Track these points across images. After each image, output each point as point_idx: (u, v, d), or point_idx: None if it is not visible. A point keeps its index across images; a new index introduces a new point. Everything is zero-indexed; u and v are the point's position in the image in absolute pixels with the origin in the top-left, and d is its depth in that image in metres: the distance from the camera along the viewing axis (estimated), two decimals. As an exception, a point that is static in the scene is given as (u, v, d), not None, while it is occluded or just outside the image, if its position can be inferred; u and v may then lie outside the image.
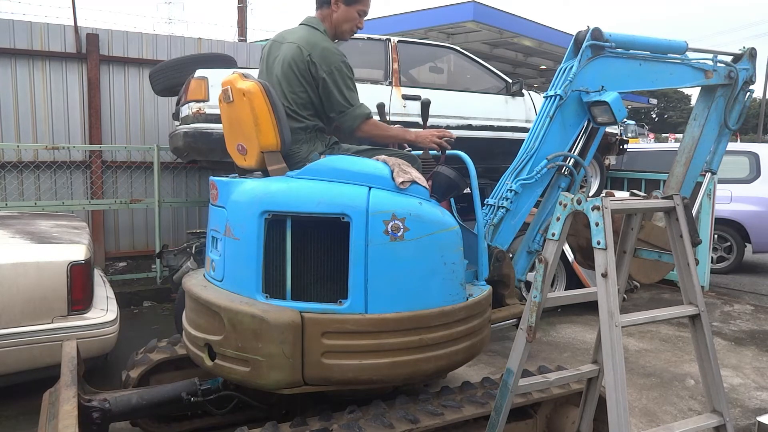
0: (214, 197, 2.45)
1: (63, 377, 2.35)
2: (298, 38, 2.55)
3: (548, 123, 2.81)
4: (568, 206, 1.95)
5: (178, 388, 2.56)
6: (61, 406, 2.06)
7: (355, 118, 2.54)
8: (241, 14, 13.22)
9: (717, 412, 1.96)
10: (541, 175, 2.83)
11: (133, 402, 2.48)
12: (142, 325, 4.95)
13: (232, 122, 2.49)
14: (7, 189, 5.67)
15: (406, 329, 2.15)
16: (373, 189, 2.17)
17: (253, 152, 2.38)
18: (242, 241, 2.20)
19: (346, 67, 2.52)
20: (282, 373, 2.10)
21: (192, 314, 2.40)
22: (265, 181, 2.29)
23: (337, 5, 2.63)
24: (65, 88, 5.98)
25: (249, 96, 2.29)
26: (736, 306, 5.82)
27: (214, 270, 2.41)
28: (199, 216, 6.67)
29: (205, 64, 4.54)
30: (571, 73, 2.75)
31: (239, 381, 2.22)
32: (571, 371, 2.28)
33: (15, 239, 3.28)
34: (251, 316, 2.09)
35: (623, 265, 2.17)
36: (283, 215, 2.15)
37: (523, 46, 14.86)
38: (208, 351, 2.27)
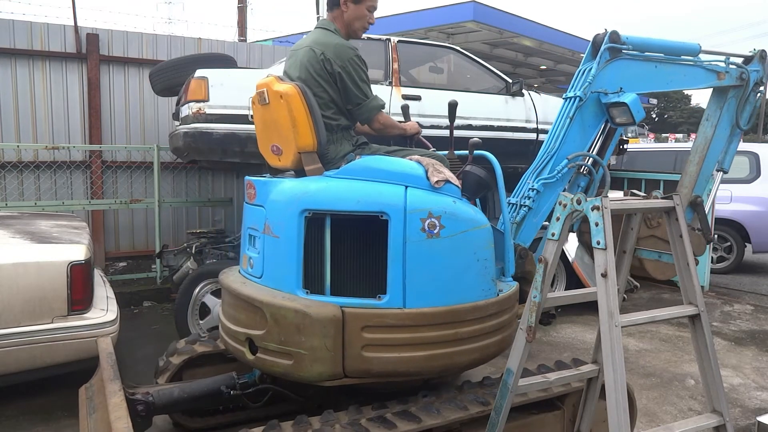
0: (251, 196, 2.51)
1: (104, 372, 2.42)
2: (310, 41, 2.63)
3: (568, 124, 2.88)
4: (567, 206, 1.95)
5: (217, 381, 2.63)
6: (109, 400, 2.13)
7: (371, 110, 2.63)
8: (241, 14, 13.22)
9: (717, 412, 1.96)
10: (562, 174, 2.91)
11: (175, 395, 2.56)
12: (142, 325, 4.95)
13: (267, 124, 2.56)
14: (7, 189, 5.67)
15: (442, 323, 2.22)
16: (409, 188, 2.25)
17: (289, 153, 2.44)
18: (282, 238, 2.27)
19: (359, 60, 2.60)
20: (324, 366, 2.16)
21: (231, 310, 2.45)
22: (304, 180, 2.35)
23: (347, 5, 2.69)
24: (65, 88, 5.98)
25: (287, 98, 2.35)
26: (736, 306, 5.82)
27: (252, 267, 2.46)
28: (199, 216, 6.67)
29: (205, 64, 4.53)
30: (590, 75, 2.83)
31: (281, 374, 2.27)
32: (571, 371, 2.28)
33: (15, 239, 3.28)
34: (294, 311, 2.16)
35: (623, 265, 2.17)
36: (323, 213, 2.23)
37: (523, 46, 14.87)
38: (249, 345, 2.33)
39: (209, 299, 4.22)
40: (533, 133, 5.37)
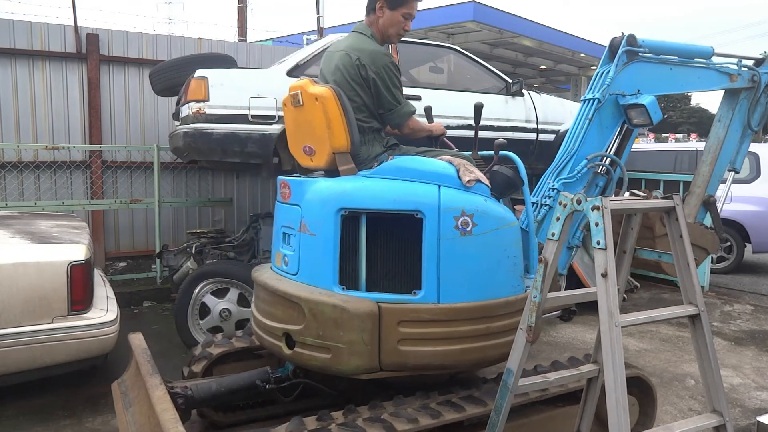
0: (285, 196, 2.58)
1: (142, 367, 2.50)
2: (346, 46, 2.69)
3: (587, 125, 2.95)
4: (567, 206, 1.95)
5: (252, 376, 2.71)
6: (151, 393, 2.21)
7: (402, 116, 2.71)
8: (241, 14, 13.23)
9: (717, 412, 1.96)
10: (581, 174, 2.97)
11: (213, 389, 2.63)
12: (142, 325, 4.94)
13: (300, 125, 2.62)
14: (7, 189, 5.67)
15: (475, 318, 2.29)
16: (442, 187, 2.33)
17: (323, 153, 2.50)
18: (318, 236, 2.33)
19: (393, 67, 2.65)
20: (361, 359, 2.23)
21: (267, 306, 2.51)
22: (340, 180, 2.41)
23: (382, 11, 2.74)
24: (65, 88, 5.98)
25: (322, 100, 2.42)
26: (736, 306, 5.82)
27: (286, 264, 2.52)
28: (199, 216, 6.67)
29: (205, 64, 4.53)
30: (608, 78, 2.90)
31: (319, 367, 2.33)
32: (571, 371, 2.28)
33: (15, 239, 3.28)
34: (332, 306, 2.22)
35: (623, 265, 2.17)
36: (359, 212, 2.30)
37: (523, 46, 14.88)
38: (286, 340, 2.39)
39: (209, 299, 4.22)
40: (533, 133, 5.37)
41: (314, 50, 4.68)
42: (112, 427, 3.13)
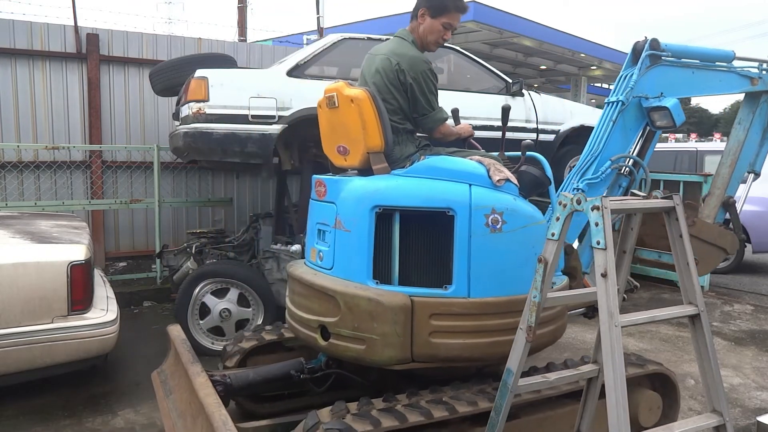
0: (321, 194, 2.67)
1: (183, 356, 2.63)
2: (387, 50, 2.76)
3: (611, 127, 3.03)
4: (567, 206, 1.95)
5: (287, 366, 2.83)
6: (194, 380, 2.34)
7: (435, 121, 2.78)
8: (241, 14, 13.23)
9: (717, 412, 1.96)
10: (605, 175, 3.06)
11: (250, 378, 2.75)
12: (142, 325, 4.95)
13: (335, 126, 2.72)
14: (7, 189, 5.67)
15: (504, 312, 2.37)
16: (473, 186, 2.42)
17: (357, 153, 2.59)
18: (353, 233, 2.43)
19: (431, 74, 2.72)
20: (394, 351, 2.32)
21: (302, 300, 2.62)
22: (374, 179, 2.50)
23: (423, 18, 2.80)
24: (65, 88, 5.98)
25: (357, 102, 2.50)
26: (736, 306, 5.83)
27: (321, 259, 2.61)
28: (199, 216, 6.67)
29: (205, 64, 4.53)
30: (632, 81, 2.98)
31: (353, 358, 2.43)
32: (571, 371, 2.28)
33: (15, 239, 3.28)
34: (367, 299, 2.32)
35: (623, 265, 2.17)
36: (392, 209, 2.39)
37: (523, 46, 14.88)
38: (321, 332, 2.48)
39: (209, 299, 4.22)
40: (533, 133, 5.36)
41: (314, 50, 4.68)
42: (113, 427, 3.13)
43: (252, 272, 4.47)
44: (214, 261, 4.80)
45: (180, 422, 2.42)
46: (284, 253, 4.39)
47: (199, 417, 2.26)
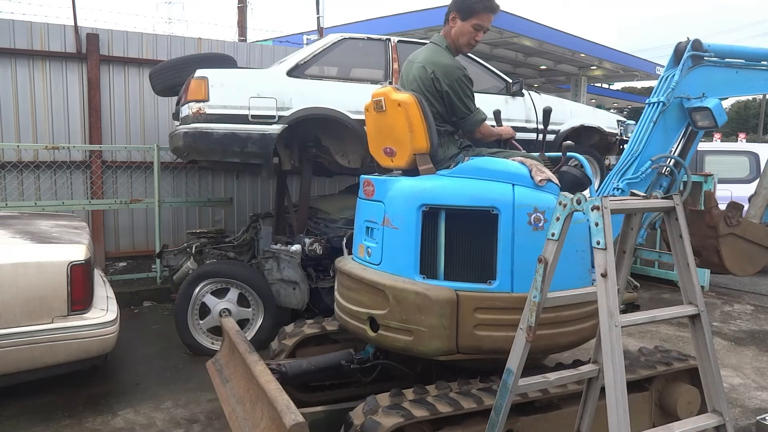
0: (369, 193, 2.81)
1: (239, 346, 2.79)
2: (423, 58, 2.85)
3: (652, 127, 3.06)
4: (567, 206, 1.95)
5: (338, 356, 2.97)
6: (253, 368, 2.49)
7: (474, 123, 2.86)
8: (241, 14, 13.23)
9: (717, 412, 1.96)
10: (645, 174, 3.11)
11: (303, 367, 2.89)
12: (142, 325, 4.95)
13: (381, 128, 2.85)
14: (7, 189, 5.67)
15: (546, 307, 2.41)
16: (516, 186, 2.53)
17: (404, 154, 2.71)
18: (401, 230, 2.57)
19: (465, 79, 2.80)
20: (440, 342, 2.44)
21: (352, 293, 2.77)
22: (421, 179, 2.63)
23: (454, 21, 2.87)
24: (65, 88, 5.98)
25: (405, 106, 2.63)
26: (736, 306, 5.83)
27: (369, 255, 2.76)
28: (199, 216, 6.67)
29: (205, 64, 4.53)
30: (674, 82, 3.01)
31: (401, 349, 2.56)
32: (571, 371, 2.28)
33: (15, 239, 3.28)
34: (415, 293, 2.44)
35: (623, 265, 2.17)
36: (438, 208, 2.52)
37: (523, 46, 14.88)
38: (370, 323, 2.62)
39: (209, 299, 4.22)
40: (533, 133, 5.36)
41: (314, 50, 4.68)
42: (113, 427, 3.13)
43: (252, 272, 4.47)
44: (214, 261, 4.80)
45: (239, 408, 2.57)
46: (284, 253, 4.39)
47: (258, 402, 2.40)
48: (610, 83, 27.06)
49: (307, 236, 4.49)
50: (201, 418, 3.25)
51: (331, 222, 4.78)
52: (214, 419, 3.23)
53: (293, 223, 4.86)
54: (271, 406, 2.20)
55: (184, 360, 4.15)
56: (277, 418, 2.14)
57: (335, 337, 3.28)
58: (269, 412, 2.24)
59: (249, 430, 2.38)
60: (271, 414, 2.22)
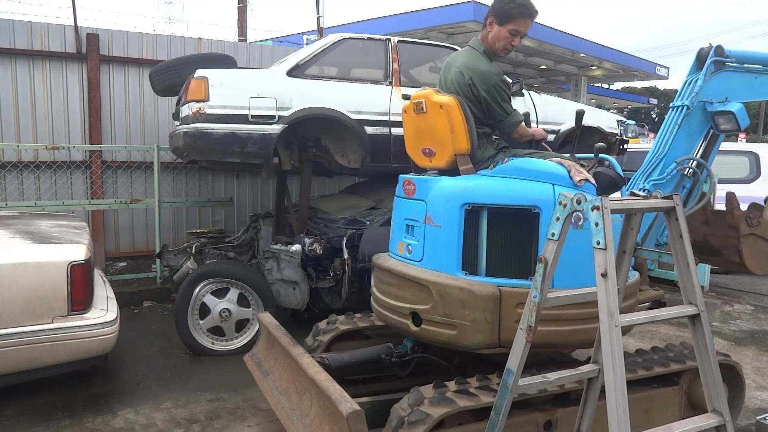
0: (409, 192, 2.89)
1: (282, 340, 2.87)
2: (461, 64, 2.91)
3: (676, 130, 3.17)
4: (567, 206, 1.95)
5: (377, 350, 3.06)
6: (299, 360, 2.58)
7: (512, 125, 2.95)
8: (241, 14, 13.24)
9: (717, 412, 1.96)
10: (671, 176, 3.20)
11: (345, 360, 2.97)
12: (142, 325, 4.95)
13: (421, 130, 2.92)
14: (7, 189, 5.67)
15: (584, 302, 2.45)
16: (556, 185, 2.61)
17: (444, 155, 2.79)
18: (443, 228, 2.63)
19: (502, 84, 2.88)
20: (483, 336, 2.52)
21: (393, 289, 2.84)
22: (463, 178, 2.70)
23: (491, 26, 2.91)
24: (65, 88, 5.98)
25: (447, 108, 2.71)
26: (736, 306, 5.83)
27: (410, 252, 2.83)
28: (199, 216, 6.67)
29: (205, 64, 4.53)
30: (697, 86, 3.12)
31: (444, 342, 2.64)
32: (571, 371, 2.28)
33: (15, 239, 3.28)
34: (459, 288, 2.51)
35: (623, 265, 2.17)
36: (481, 207, 2.60)
37: (523, 46, 14.87)
38: (412, 318, 2.69)
39: (209, 299, 4.22)
40: (533, 133, 5.36)
41: (314, 50, 4.68)
42: (113, 427, 3.13)
43: (252, 272, 4.47)
44: (214, 261, 4.80)
45: (284, 399, 2.67)
46: (284, 253, 4.39)
47: (305, 393, 2.51)
48: (610, 83, 27.08)
49: (307, 236, 4.49)
50: (201, 418, 3.25)
51: (331, 222, 4.78)
52: (214, 419, 3.23)
53: (293, 223, 4.86)
54: (322, 396, 2.28)
55: (184, 360, 4.15)
56: (328, 407, 2.23)
57: (366, 332, 3.39)
58: (319, 402, 2.34)
59: (297, 419, 2.48)
60: (322, 403, 2.31)
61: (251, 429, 3.14)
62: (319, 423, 2.33)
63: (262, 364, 3.07)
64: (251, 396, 3.53)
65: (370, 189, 5.41)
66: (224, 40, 7.11)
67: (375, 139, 4.65)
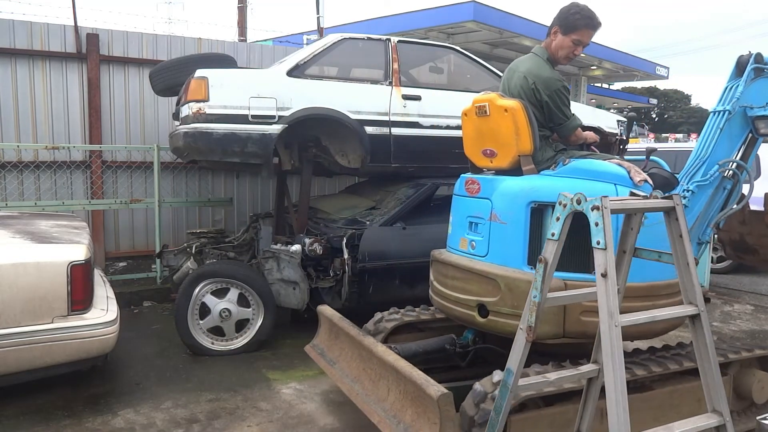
0: (473, 191, 3.03)
1: (350, 331, 3.03)
2: (525, 69, 3.07)
3: (718, 134, 3.32)
4: (567, 206, 1.95)
5: (442, 341, 3.23)
6: (374, 349, 2.73)
7: (570, 129, 3.08)
8: (241, 14, 13.24)
9: (717, 412, 1.96)
10: (713, 178, 3.35)
11: (413, 349, 3.11)
12: (142, 325, 4.95)
13: (483, 132, 3.06)
14: (7, 189, 5.67)
15: (644, 296, 2.67)
16: (617, 185, 2.76)
17: (506, 156, 2.94)
18: (509, 224, 2.78)
19: (564, 89, 3.03)
20: (549, 327, 2.64)
21: (457, 282, 2.99)
22: (528, 178, 2.85)
23: (555, 35, 3.07)
24: (65, 88, 5.98)
25: (512, 111, 2.86)
26: (736, 306, 5.83)
27: (473, 248, 2.97)
28: (199, 216, 6.67)
29: (205, 64, 4.53)
30: (738, 92, 3.27)
31: (511, 333, 2.66)
32: (571, 371, 2.28)
33: (15, 239, 3.28)
34: (527, 281, 2.57)
35: (623, 265, 2.17)
36: (546, 204, 2.72)
37: (523, 46, 14.86)
38: (478, 310, 2.83)
39: (209, 299, 4.22)
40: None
41: (314, 50, 4.68)
42: (113, 427, 3.14)
43: (252, 272, 4.47)
44: (214, 261, 4.80)
45: (357, 386, 2.82)
46: (284, 253, 4.39)
47: (381, 380, 2.66)
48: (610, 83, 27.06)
49: (307, 236, 4.49)
50: (201, 418, 3.25)
51: (331, 222, 4.78)
52: (214, 419, 3.24)
53: (293, 223, 4.86)
54: (403, 381, 2.44)
55: (184, 360, 4.15)
56: (411, 392, 2.38)
57: (420, 326, 3.51)
58: (398, 387, 2.50)
59: (375, 404, 2.63)
60: (403, 388, 2.46)
61: (251, 429, 3.14)
62: (400, 407, 2.48)
63: (325, 354, 3.23)
64: (251, 396, 3.54)
65: (370, 189, 5.41)
66: (224, 40, 7.11)
67: (375, 139, 4.65)
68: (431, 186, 4.86)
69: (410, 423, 2.39)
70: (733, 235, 3.47)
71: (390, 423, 2.49)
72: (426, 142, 4.87)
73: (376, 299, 4.34)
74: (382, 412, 2.55)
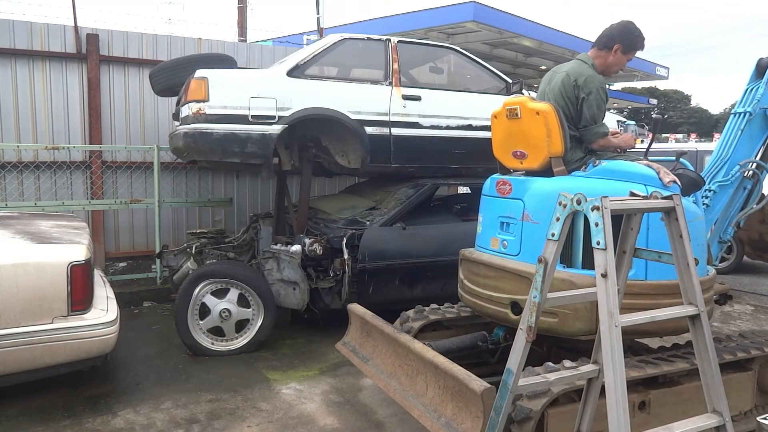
0: (505, 192, 3.08)
1: (384, 328, 3.06)
2: (569, 69, 3.13)
3: (739, 135, 3.39)
4: (567, 206, 1.95)
5: (474, 338, 3.32)
6: (411, 345, 2.77)
7: (594, 134, 3.06)
8: (241, 14, 13.25)
9: (717, 412, 1.96)
10: (734, 177, 3.43)
11: (447, 345, 3.19)
12: (142, 326, 4.95)
13: (513, 134, 3.11)
14: (7, 189, 5.67)
15: (674, 293, 2.59)
16: (648, 186, 2.79)
17: (537, 157, 2.99)
18: (542, 224, 2.78)
19: (602, 92, 3.06)
20: (583, 323, 2.72)
21: (490, 281, 3.05)
22: (560, 179, 2.90)
23: (616, 53, 3.13)
24: (65, 88, 5.98)
25: (544, 114, 2.91)
26: (736, 306, 5.82)
27: (505, 247, 3.04)
28: (199, 216, 6.67)
29: (205, 64, 4.53)
30: (758, 94, 3.35)
31: (545, 330, 2.78)
32: (571, 371, 2.28)
33: (15, 239, 3.28)
34: (561, 279, 2.65)
35: (623, 265, 2.17)
36: None
37: (523, 46, 14.88)
38: (511, 308, 2.89)
39: (209, 299, 4.22)
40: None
41: (314, 50, 4.68)
42: (113, 427, 3.13)
43: (252, 272, 4.47)
44: (214, 261, 4.80)
45: (393, 382, 2.85)
46: (284, 254, 4.39)
47: (418, 376, 2.70)
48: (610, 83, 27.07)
49: (307, 236, 4.49)
50: (201, 419, 3.25)
51: (331, 222, 4.78)
52: (214, 419, 3.24)
53: (293, 223, 4.86)
54: (443, 376, 2.48)
55: (184, 360, 4.15)
56: (452, 387, 2.42)
57: (447, 323, 3.56)
58: (437, 382, 2.54)
59: (414, 399, 2.66)
60: (442, 383, 2.50)
61: (251, 429, 3.14)
62: (440, 401, 2.51)
63: (358, 352, 3.27)
64: (251, 396, 3.54)
65: (370, 189, 5.41)
66: (224, 40, 7.10)
67: (375, 139, 4.65)
68: (431, 186, 4.86)
69: (452, 417, 2.42)
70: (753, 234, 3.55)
71: (430, 417, 2.52)
72: (426, 143, 4.87)
73: (376, 299, 4.34)
74: (422, 407, 2.59)
